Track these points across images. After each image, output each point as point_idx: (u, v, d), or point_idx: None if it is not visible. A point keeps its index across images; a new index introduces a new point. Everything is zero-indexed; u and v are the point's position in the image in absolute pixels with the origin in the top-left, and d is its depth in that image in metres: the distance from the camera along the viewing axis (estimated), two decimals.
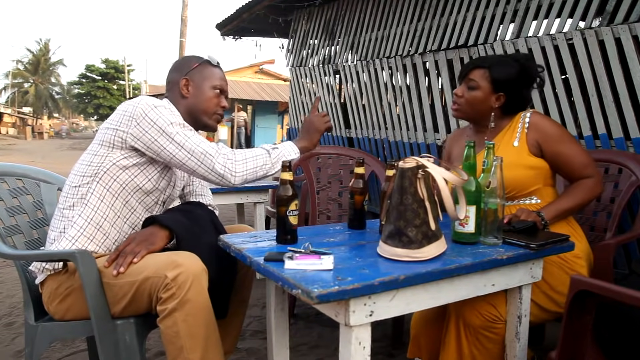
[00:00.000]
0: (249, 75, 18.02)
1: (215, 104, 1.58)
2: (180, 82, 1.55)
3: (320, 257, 1.14)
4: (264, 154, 1.49)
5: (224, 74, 1.64)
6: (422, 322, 1.65)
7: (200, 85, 1.56)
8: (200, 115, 1.56)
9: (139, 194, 1.48)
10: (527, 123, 1.61)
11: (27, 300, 1.50)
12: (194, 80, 1.56)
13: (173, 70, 1.60)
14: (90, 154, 1.46)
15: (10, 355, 2.10)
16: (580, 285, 0.93)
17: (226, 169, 1.42)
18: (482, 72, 1.63)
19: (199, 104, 1.56)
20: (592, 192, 1.57)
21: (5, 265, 3.43)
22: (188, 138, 1.42)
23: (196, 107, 1.56)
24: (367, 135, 4.16)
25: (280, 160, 1.49)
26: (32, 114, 38.16)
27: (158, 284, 1.29)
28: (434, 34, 3.46)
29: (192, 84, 1.55)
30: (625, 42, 2.36)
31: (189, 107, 1.55)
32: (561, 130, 1.61)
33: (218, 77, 1.60)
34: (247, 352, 2.15)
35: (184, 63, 1.60)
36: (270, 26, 5.44)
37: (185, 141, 1.41)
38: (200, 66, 1.57)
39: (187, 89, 1.55)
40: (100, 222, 1.43)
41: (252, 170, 1.46)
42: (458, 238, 1.34)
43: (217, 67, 1.61)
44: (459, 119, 1.77)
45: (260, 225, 3.00)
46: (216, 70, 1.60)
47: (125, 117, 1.41)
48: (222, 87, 1.60)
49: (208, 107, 1.56)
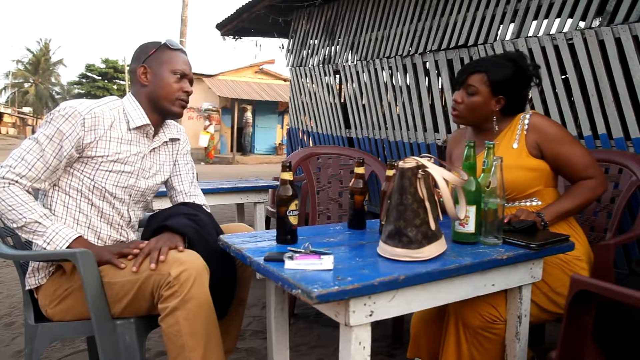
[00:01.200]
0: (249, 75, 18.01)
1: (176, 89, 1.51)
2: (138, 71, 1.51)
3: (320, 257, 1.14)
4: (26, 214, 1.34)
5: (186, 57, 1.57)
6: (422, 322, 1.64)
7: (158, 71, 1.50)
8: (161, 102, 1.52)
9: (97, 193, 1.46)
10: (527, 125, 1.60)
11: (27, 301, 1.49)
12: (152, 67, 1.51)
13: (133, 59, 1.55)
14: None
15: (10, 355, 2.10)
16: (580, 286, 0.93)
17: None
18: (480, 77, 1.62)
19: (158, 90, 1.51)
20: (593, 193, 1.56)
21: (5, 265, 3.43)
22: (22, 146, 1.37)
23: (156, 94, 1.51)
24: (367, 135, 4.16)
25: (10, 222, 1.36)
26: (32, 114, 38.16)
27: (160, 282, 1.30)
28: (434, 34, 3.46)
29: (150, 71, 1.51)
30: (625, 42, 2.36)
31: (149, 95, 1.52)
32: (561, 131, 1.60)
33: (178, 60, 1.53)
34: (247, 352, 2.15)
35: (142, 50, 1.54)
36: (270, 26, 5.44)
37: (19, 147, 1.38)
38: (157, 52, 1.52)
39: (146, 76, 1.51)
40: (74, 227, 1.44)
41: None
42: (458, 238, 1.34)
43: (177, 50, 1.54)
44: (460, 124, 1.77)
45: (260, 225, 3.00)
46: (175, 54, 1.53)
47: None
48: (183, 71, 1.53)
49: (168, 92, 1.51)
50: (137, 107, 1.52)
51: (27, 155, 1.36)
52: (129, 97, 1.54)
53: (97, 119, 1.42)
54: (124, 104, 1.52)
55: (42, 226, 1.36)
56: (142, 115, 1.52)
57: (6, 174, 1.33)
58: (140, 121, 1.51)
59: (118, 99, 1.54)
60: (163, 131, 1.62)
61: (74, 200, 1.45)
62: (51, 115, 1.39)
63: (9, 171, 1.34)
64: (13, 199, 1.33)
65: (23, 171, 1.35)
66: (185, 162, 1.72)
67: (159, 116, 1.56)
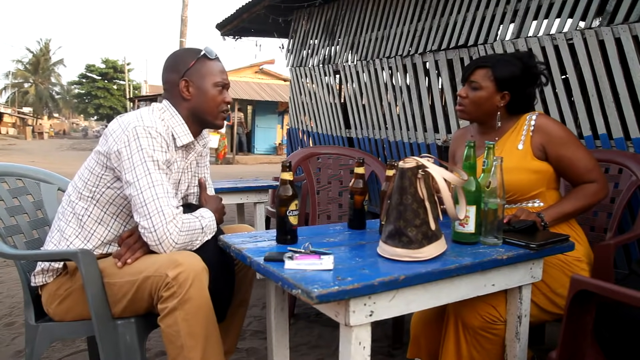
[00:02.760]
0: (249, 75, 18.00)
1: (219, 102, 1.50)
2: (179, 84, 1.46)
3: (320, 257, 1.14)
4: (198, 230, 1.38)
5: (222, 64, 1.54)
6: (422, 322, 1.64)
7: (201, 85, 1.47)
8: (205, 117, 1.50)
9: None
10: (533, 126, 1.60)
11: (27, 300, 1.49)
12: (194, 80, 1.47)
13: (169, 70, 1.50)
14: (88, 170, 1.44)
15: (10, 355, 2.10)
16: (580, 285, 0.93)
17: (170, 238, 1.31)
18: (484, 72, 1.62)
19: (203, 104, 1.48)
20: (594, 197, 1.55)
21: (5, 265, 3.43)
22: (152, 185, 1.32)
23: (200, 108, 1.48)
24: (367, 135, 4.16)
25: (206, 235, 1.41)
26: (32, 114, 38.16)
27: (159, 283, 1.29)
28: (434, 34, 3.46)
29: (192, 84, 1.47)
30: (625, 42, 2.36)
31: (192, 109, 1.49)
32: (567, 133, 1.59)
33: (218, 71, 1.50)
34: (247, 352, 2.15)
35: (180, 61, 1.49)
36: (270, 26, 5.44)
37: (148, 188, 1.32)
38: (197, 63, 1.47)
39: (188, 90, 1.47)
40: (96, 244, 1.44)
41: (189, 243, 1.37)
42: (458, 238, 1.34)
43: (215, 60, 1.51)
44: (465, 120, 1.76)
45: (260, 225, 3.00)
46: (215, 65, 1.50)
47: (112, 137, 1.38)
48: (223, 82, 1.51)
49: (213, 107, 1.49)
50: (181, 122, 1.48)
51: (159, 189, 1.32)
52: (170, 110, 1.47)
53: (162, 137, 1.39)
54: (165, 118, 1.46)
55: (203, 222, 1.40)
56: (186, 132, 1.48)
57: (170, 225, 1.31)
58: (186, 139, 1.48)
59: (163, 109, 1.48)
60: (198, 141, 1.59)
61: (110, 217, 1.44)
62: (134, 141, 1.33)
63: (170, 222, 1.31)
64: (189, 233, 1.35)
65: (172, 210, 1.33)
66: (204, 164, 1.69)
67: (199, 128, 1.54)
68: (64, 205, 1.48)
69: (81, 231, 1.43)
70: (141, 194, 1.31)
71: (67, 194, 1.50)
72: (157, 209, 1.30)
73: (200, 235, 1.39)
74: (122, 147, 1.34)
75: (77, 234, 1.43)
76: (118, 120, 1.42)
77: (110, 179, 1.41)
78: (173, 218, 1.31)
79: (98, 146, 1.43)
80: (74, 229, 1.43)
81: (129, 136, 1.34)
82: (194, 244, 1.38)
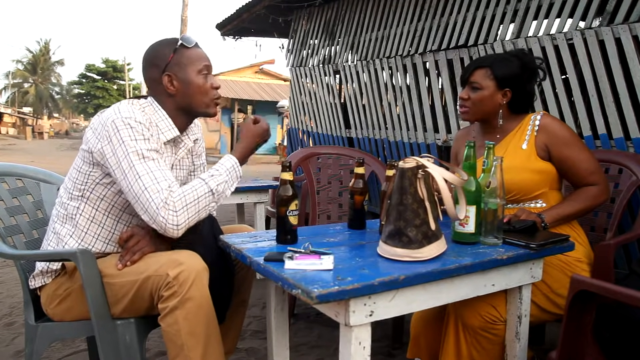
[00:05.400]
0: (249, 75, 18.01)
1: (207, 89, 1.44)
2: (162, 80, 1.41)
3: (320, 257, 1.14)
4: (205, 194, 1.33)
5: (203, 50, 1.47)
6: (422, 322, 1.64)
7: (184, 76, 1.41)
8: (196, 108, 1.46)
9: (130, 208, 1.41)
10: (537, 126, 1.60)
11: (27, 300, 1.49)
12: (176, 72, 1.41)
13: (149, 66, 1.45)
14: (76, 170, 1.42)
15: (10, 355, 2.10)
16: (580, 286, 0.93)
17: (168, 224, 1.27)
18: (484, 72, 1.62)
19: (191, 95, 1.43)
20: (595, 200, 1.55)
21: (5, 265, 3.43)
22: (138, 177, 1.28)
23: (188, 100, 1.44)
24: (367, 135, 4.16)
25: (226, 191, 1.38)
26: (32, 114, 38.17)
27: (159, 283, 1.29)
28: (434, 34, 3.46)
29: (175, 77, 1.41)
30: (625, 42, 2.36)
31: (179, 103, 1.45)
32: (571, 134, 1.59)
33: (198, 58, 1.43)
34: (247, 352, 2.15)
35: (157, 55, 1.43)
36: (270, 26, 5.43)
37: (135, 181, 1.28)
38: (177, 54, 1.41)
39: (172, 84, 1.42)
40: (91, 242, 1.43)
41: (195, 215, 1.32)
42: (458, 238, 1.34)
43: (194, 47, 1.44)
44: (468, 121, 1.75)
45: (260, 225, 3.00)
46: (194, 52, 1.44)
47: (93, 135, 1.35)
48: (207, 67, 1.45)
49: (202, 96, 1.44)
50: (165, 116, 1.44)
51: (145, 179, 1.29)
52: (154, 105, 1.44)
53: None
54: (148, 112, 1.42)
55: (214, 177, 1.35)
56: (170, 127, 1.45)
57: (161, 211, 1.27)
58: (170, 134, 1.45)
59: (145, 103, 1.45)
60: (187, 135, 1.56)
61: (102, 214, 1.43)
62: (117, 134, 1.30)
63: (161, 208, 1.27)
64: (189, 207, 1.29)
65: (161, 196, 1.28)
66: (201, 163, 1.67)
67: (188, 120, 1.50)
68: (57, 207, 1.47)
69: (75, 230, 1.43)
70: (132, 189, 1.30)
71: (59, 195, 1.49)
72: (147, 200, 1.28)
73: (210, 198, 1.33)
74: (105, 145, 1.32)
75: (71, 234, 1.43)
76: (100, 116, 1.39)
77: (99, 175, 1.39)
78: (164, 204, 1.27)
79: (83, 144, 1.41)
80: (68, 229, 1.43)
81: (109, 131, 1.32)
82: (206, 210, 1.34)
